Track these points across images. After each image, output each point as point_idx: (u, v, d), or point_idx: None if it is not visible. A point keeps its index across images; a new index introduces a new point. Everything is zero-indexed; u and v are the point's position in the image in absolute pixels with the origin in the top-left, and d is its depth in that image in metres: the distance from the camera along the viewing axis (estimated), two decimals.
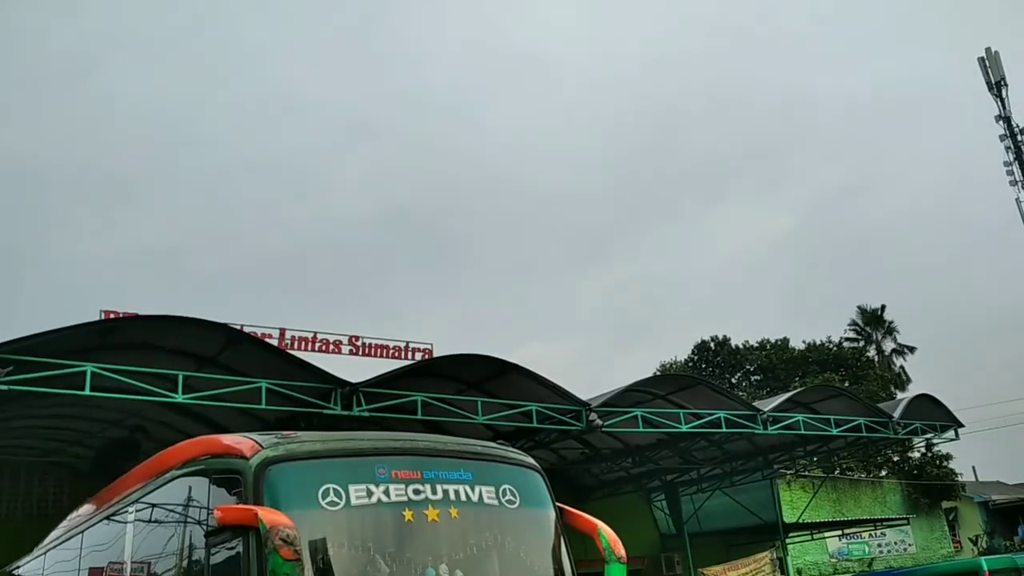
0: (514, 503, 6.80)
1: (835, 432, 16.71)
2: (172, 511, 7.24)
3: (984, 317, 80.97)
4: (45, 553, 10.81)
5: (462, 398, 12.80)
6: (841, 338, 48.80)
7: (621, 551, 6.87)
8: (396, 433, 9.66)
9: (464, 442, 7.93)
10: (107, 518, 8.73)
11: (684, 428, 14.92)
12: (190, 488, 6.97)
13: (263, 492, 5.95)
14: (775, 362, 45.53)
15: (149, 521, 7.67)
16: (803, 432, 16.61)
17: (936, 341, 77.06)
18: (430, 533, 6.30)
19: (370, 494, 6.21)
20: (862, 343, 49.60)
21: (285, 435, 6.78)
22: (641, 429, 14.98)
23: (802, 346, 46.62)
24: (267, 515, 5.54)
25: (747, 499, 22.80)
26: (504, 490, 6.80)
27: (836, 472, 31.76)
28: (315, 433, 8.06)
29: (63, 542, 10.14)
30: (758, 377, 46.14)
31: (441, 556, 6.24)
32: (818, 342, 46.80)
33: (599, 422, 13.15)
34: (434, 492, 6.43)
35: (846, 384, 40.42)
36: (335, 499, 6.07)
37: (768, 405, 16.30)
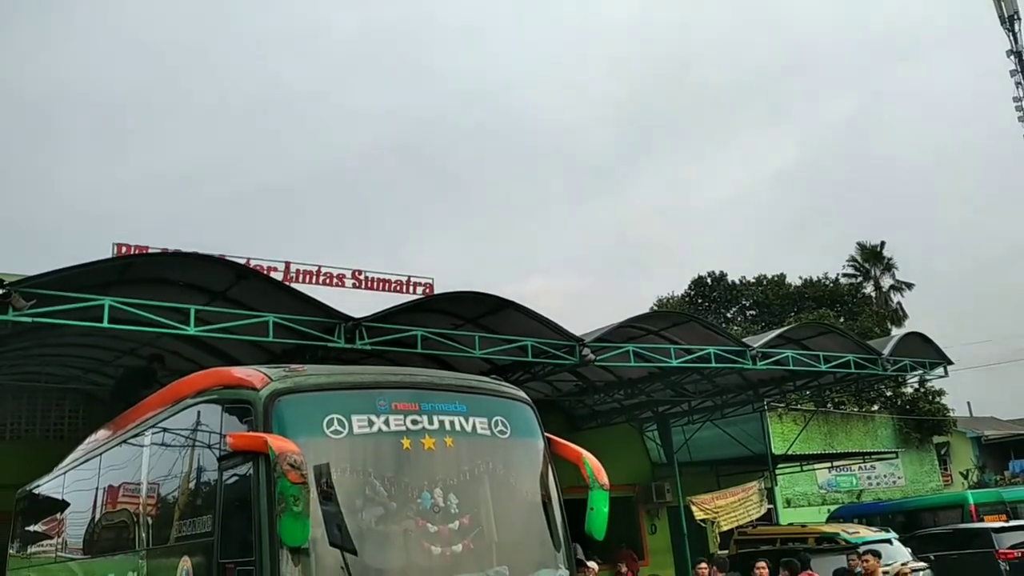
0: (505, 433, 7.35)
1: (824, 368, 17.24)
2: (186, 435, 7.79)
3: (986, 255, 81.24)
4: (64, 473, 11.45)
5: (460, 333, 13.26)
6: (838, 274, 49.15)
7: (604, 479, 7.42)
8: (395, 368, 10.24)
9: (459, 377, 8.47)
10: (124, 441, 9.31)
11: (675, 363, 15.45)
12: (204, 415, 7.52)
13: (272, 421, 6.47)
14: (771, 298, 46.00)
15: (164, 444, 8.25)
16: (792, 368, 17.15)
17: (937, 278, 77.51)
18: (426, 460, 6.86)
19: (371, 424, 6.74)
20: (860, 279, 49.93)
21: (292, 369, 7.32)
22: (632, 364, 15.52)
23: (799, 282, 47.02)
24: (276, 442, 6.07)
25: (737, 431, 23.49)
26: (496, 421, 7.34)
27: (828, 406, 32.53)
28: (320, 367, 8.61)
29: (82, 463, 10.76)
30: (754, 312, 46.68)
31: (436, 482, 6.79)
32: (815, 279, 47.16)
33: (592, 356, 13.65)
34: (431, 423, 6.97)
35: (841, 320, 40.98)
36: (338, 428, 6.60)
37: (758, 341, 16.80)
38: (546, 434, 7.77)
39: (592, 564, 14.41)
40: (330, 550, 6.02)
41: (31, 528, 12.92)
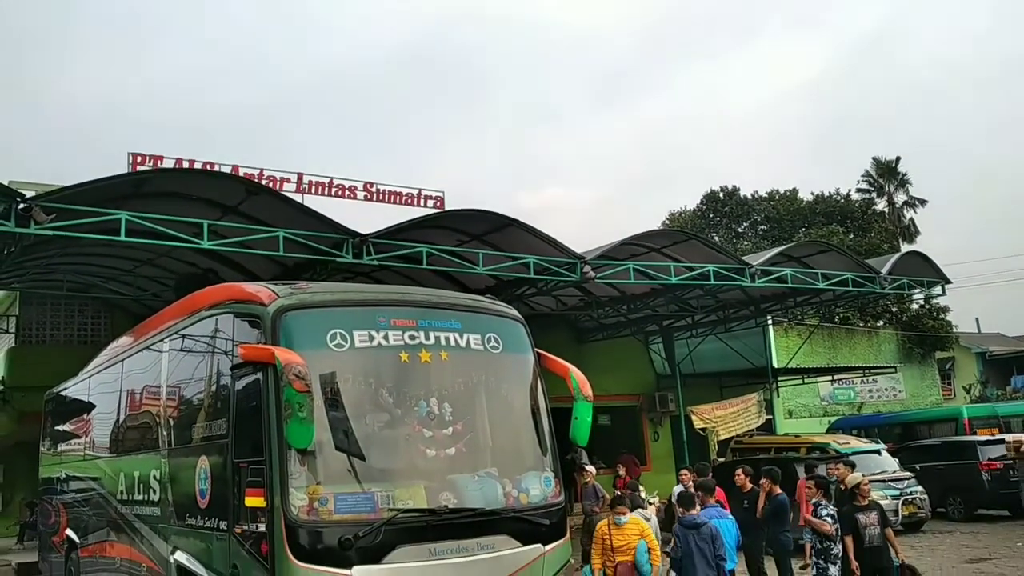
0: (497, 349, 7.80)
1: (822, 286, 17.54)
2: (202, 344, 8.31)
3: (1004, 173, 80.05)
4: (90, 377, 12.06)
5: (465, 250, 13.61)
6: (850, 190, 48.76)
7: (588, 391, 7.89)
8: (395, 287, 10.70)
9: (455, 295, 8.91)
10: (145, 348, 9.87)
11: (674, 280, 15.79)
12: (218, 326, 8.01)
13: (279, 334, 6.92)
14: (782, 213, 45.87)
15: (182, 351, 8.79)
16: (791, 285, 17.46)
17: (952, 195, 76.74)
18: (423, 372, 7.33)
19: (371, 338, 7.19)
20: (873, 195, 49.57)
21: (298, 286, 7.75)
22: (632, 281, 15.90)
23: (811, 198, 46.77)
24: (282, 354, 6.55)
25: (740, 344, 24.00)
26: (489, 337, 7.78)
27: (836, 320, 32.94)
28: (325, 284, 9.04)
29: (105, 368, 11.36)
30: (765, 227, 46.62)
31: (432, 392, 7.28)
32: (827, 194, 46.87)
33: (592, 274, 13.99)
34: (427, 338, 7.41)
35: (850, 237, 40.98)
36: (341, 342, 7.05)
37: (759, 259, 17.08)
38: (536, 349, 8.22)
39: (590, 467, 15.13)
40: (333, 452, 6.59)
41: (60, 428, 13.68)
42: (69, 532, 12.00)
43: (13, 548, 19.86)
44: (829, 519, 8.42)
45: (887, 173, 49.54)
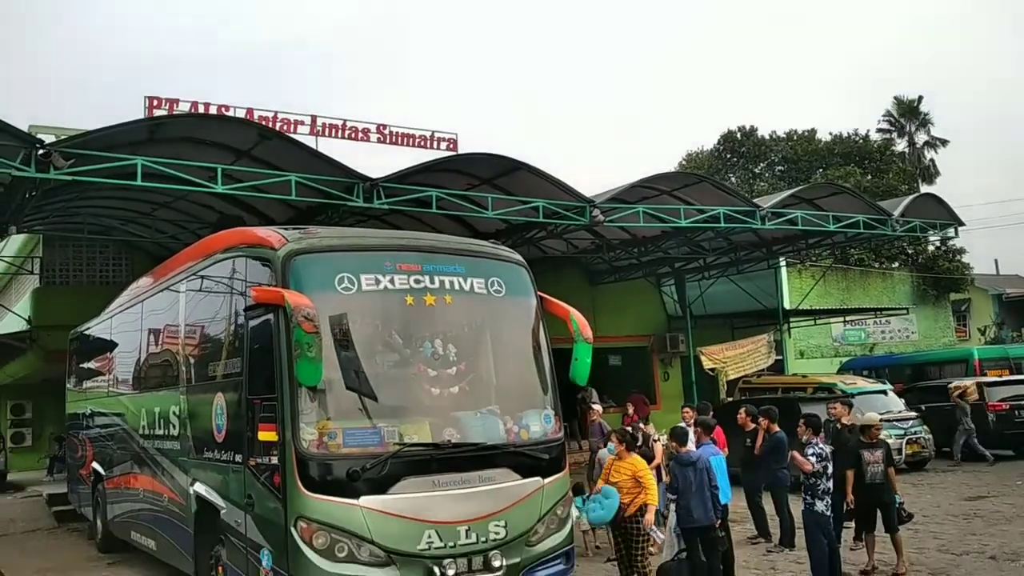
0: (500, 292, 8.05)
1: (833, 228, 17.54)
2: (217, 286, 8.62)
3: None
4: (112, 316, 12.45)
5: (475, 194, 13.71)
6: (869, 130, 48.05)
7: (588, 333, 8.14)
8: (401, 232, 10.95)
9: (460, 241, 9.14)
10: (164, 289, 10.22)
11: (684, 223, 15.87)
12: (231, 268, 8.31)
13: (289, 277, 7.20)
14: (800, 154, 45.33)
15: (199, 291, 9.12)
16: (802, 227, 17.51)
17: (974, 135, 75.33)
18: (428, 315, 7.61)
19: (378, 282, 7.45)
20: (894, 135, 48.87)
21: (308, 231, 8.01)
22: (642, 224, 16.01)
23: (829, 138, 46.18)
24: (292, 297, 6.84)
25: (751, 286, 24.12)
26: (492, 281, 8.02)
27: (851, 262, 32.90)
28: (333, 229, 9.30)
29: (127, 308, 11.74)
30: (782, 168, 46.13)
31: (437, 333, 7.58)
32: (845, 135, 46.26)
33: (601, 217, 14.09)
34: (432, 282, 7.67)
35: (868, 178, 40.59)
36: (348, 285, 7.32)
37: (770, 201, 17.10)
38: (538, 293, 8.45)
39: (597, 406, 15.49)
40: (342, 389, 6.91)
41: (84, 366, 14.17)
42: (95, 465, 12.54)
43: (43, 480, 20.79)
44: (814, 458, 8.73)
45: (908, 113, 48.75)
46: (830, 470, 8.79)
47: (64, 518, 15.21)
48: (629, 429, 9.44)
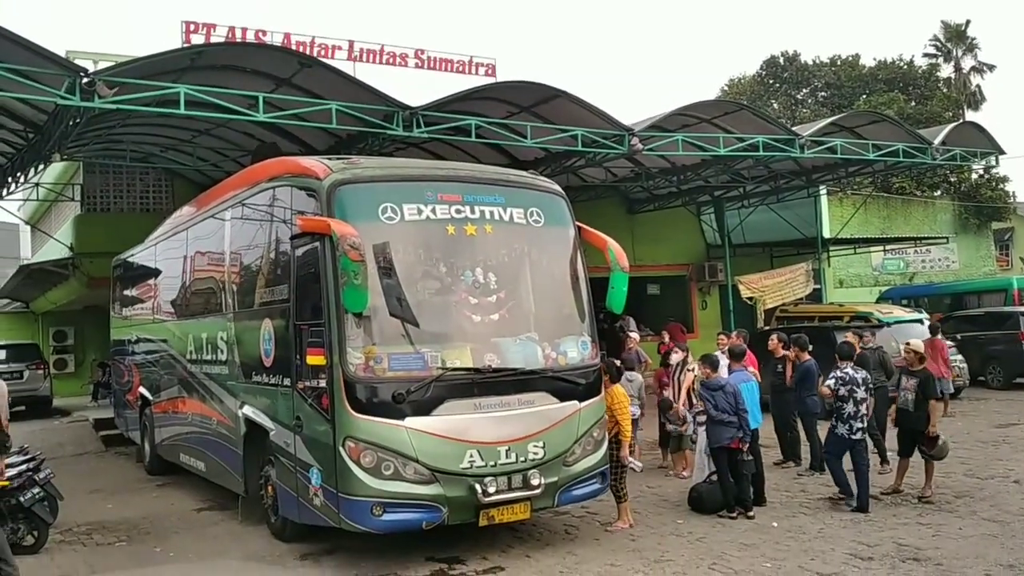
0: (539, 222, 8.19)
1: (872, 156, 17.26)
2: (263, 214, 8.81)
3: None
4: (156, 244, 12.68)
5: (514, 122, 13.64)
6: (913, 56, 46.57)
7: (624, 263, 8.28)
8: (442, 163, 11.06)
9: (499, 171, 9.23)
10: (209, 217, 10.42)
11: (723, 151, 15.71)
12: (277, 197, 8.49)
13: (334, 207, 7.39)
14: (843, 79, 44.24)
15: (244, 219, 9.32)
16: (841, 156, 17.27)
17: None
18: (468, 244, 7.78)
19: (420, 212, 7.63)
20: (940, 60, 47.37)
21: (351, 161, 8.16)
22: (681, 152, 15.87)
23: (873, 64, 44.91)
24: (337, 226, 7.04)
25: (791, 214, 23.87)
26: (531, 211, 8.16)
27: (892, 190, 32.37)
28: (375, 159, 9.45)
29: (171, 236, 11.97)
30: (825, 94, 45.11)
31: (477, 262, 7.75)
32: (890, 60, 44.91)
33: (640, 146, 13.99)
34: (472, 212, 7.82)
35: (911, 104, 39.60)
36: (392, 215, 7.51)
37: (810, 129, 16.84)
38: (576, 223, 8.56)
39: (633, 334, 15.63)
40: (387, 316, 7.15)
41: (128, 293, 14.49)
42: (142, 390, 12.92)
43: (88, 405, 21.44)
44: (832, 382, 9.03)
45: (955, 37, 47.14)
46: (857, 395, 8.94)
47: (111, 442, 15.68)
48: (617, 362, 9.38)
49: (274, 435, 8.13)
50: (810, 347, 11.03)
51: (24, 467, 8.53)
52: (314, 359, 7.27)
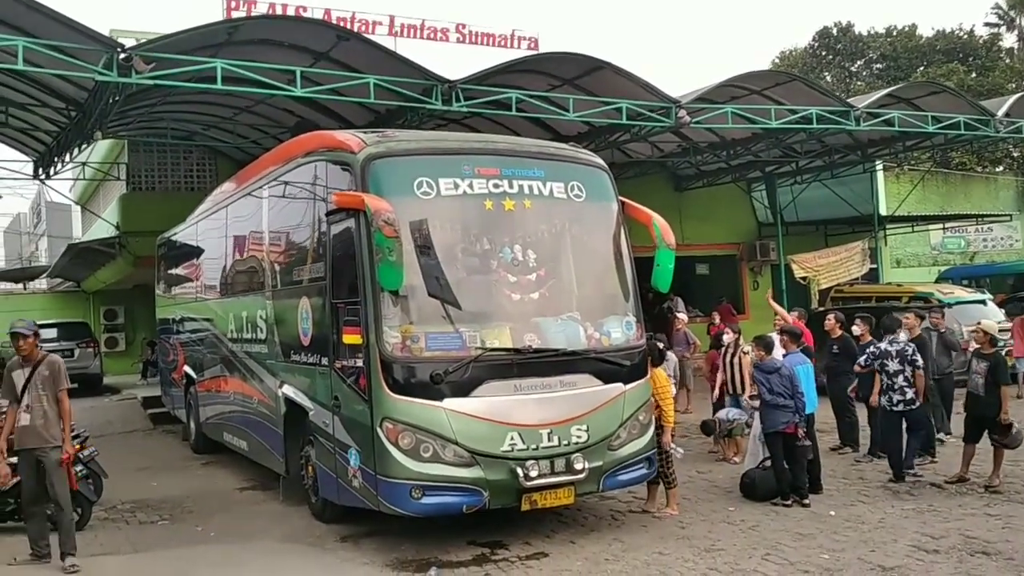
0: (580, 197, 7.88)
1: (931, 129, 16.47)
2: (298, 191, 8.66)
3: None
4: (197, 222, 12.64)
5: (557, 95, 13.28)
6: (973, 25, 44.92)
7: (671, 239, 7.94)
8: (480, 135, 10.72)
9: (539, 144, 8.93)
10: (247, 194, 10.32)
11: (774, 124, 15.10)
12: (311, 173, 8.33)
13: (368, 181, 7.19)
14: (899, 51, 42.73)
15: (281, 197, 9.19)
16: (899, 128, 16.55)
17: None
18: (507, 220, 7.52)
19: (457, 186, 7.38)
20: (1002, 29, 45.54)
21: (386, 134, 7.95)
22: (730, 125, 15.32)
23: (931, 33, 43.37)
24: (372, 201, 6.83)
25: (846, 191, 23.08)
26: (572, 185, 7.85)
27: (952, 166, 31.28)
28: (412, 133, 9.21)
29: (211, 214, 11.91)
30: (880, 66, 43.67)
31: (516, 239, 7.49)
32: (948, 30, 43.31)
33: (687, 118, 13.51)
34: (511, 186, 7.55)
35: (972, 76, 38.19)
36: (427, 190, 7.27)
37: (866, 101, 16.17)
38: (620, 197, 8.22)
39: (681, 315, 15.27)
40: (424, 294, 6.96)
41: (172, 271, 14.54)
42: (187, 369, 12.96)
43: (137, 383, 21.66)
44: (862, 359, 9.40)
45: (1019, 4, 45.14)
46: (889, 367, 9.09)
47: (159, 420, 15.77)
48: (660, 344, 9.02)
49: (313, 415, 8.03)
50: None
51: None
52: (350, 338, 7.12)
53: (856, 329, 10.76)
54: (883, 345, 9.28)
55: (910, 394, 9.16)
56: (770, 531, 7.56)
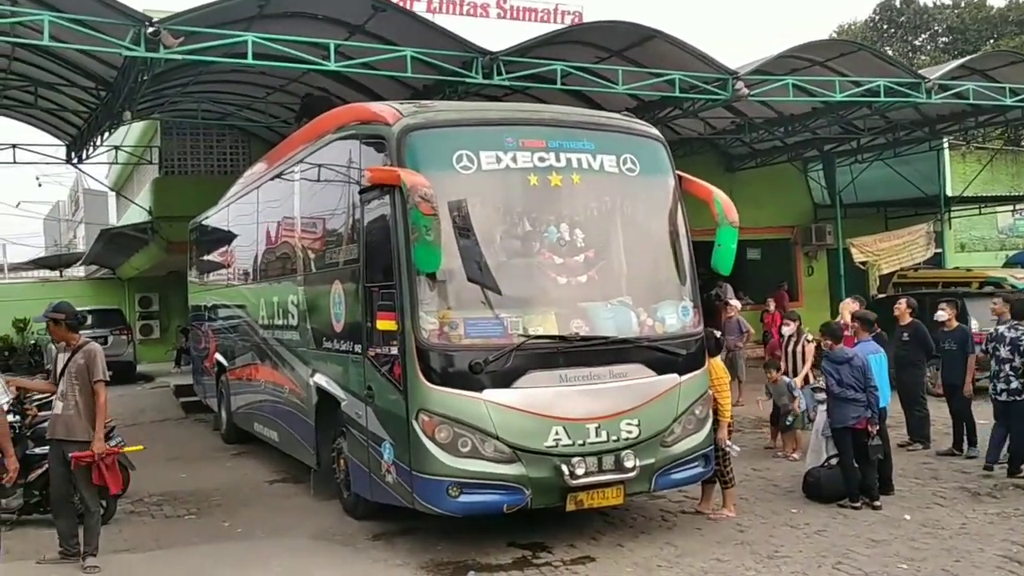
0: (634, 171, 7.29)
1: (1009, 102, 15.44)
2: (330, 169, 8.20)
3: None
4: (228, 206, 12.29)
5: (604, 67, 12.67)
6: None
7: (734, 216, 7.32)
8: (524, 105, 10.16)
9: (588, 113, 8.36)
10: (277, 176, 9.91)
11: (839, 97, 14.23)
12: (344, 150, 7.90)
13: (404, 155, 6.70)
14: (967, 22, 40.97)
15: (312, 179, 8.75)
16: (973, 102, 15.54)
17: None
18: (553, 196, 6.98)
19: (499, 160, 6.86)
20: None
21: (423, 105, 7.48)
22: (791, 98, 14.45)
23: (1003, 3, 41.45)
24: (408, 176, 6.33)
25: (910, 171, 22.05)
26: (624, 159, 7.27)
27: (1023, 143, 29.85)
28: (450, 103, 8.69)
29: (242, 196, 11.54)
30: (946, 40, 41.95)
31: (563, 217, 6.95)
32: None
33: (745, 91, 12.76)
34: (558, 160, 7.00)
35: None
36: (467, 164, 6.76)
37: (937, 72, 15.22)
38: (677, 172, 7.60)
39: (734, 302, 14.54)
40: (463, 277, 6.44)
41: (204, 257, 14.26)
42: (218, 356, 12.67)
43: (171, 371, 21.52)
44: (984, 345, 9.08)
45: None
46: (1000, 352, 8.55)
47: (191, 409, 15.53)
48: (717, 332, 8.40)
49: (345, 405, 7.62)
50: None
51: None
52: (384, 324, 6.67)
53: (942, 314, 9.93)
54: (1001, 328, 8.85)
55: (1015, 384, 8.54)
56: (839, 536, 6.92)
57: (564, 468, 6.36)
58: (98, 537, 6.71)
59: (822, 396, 8.25)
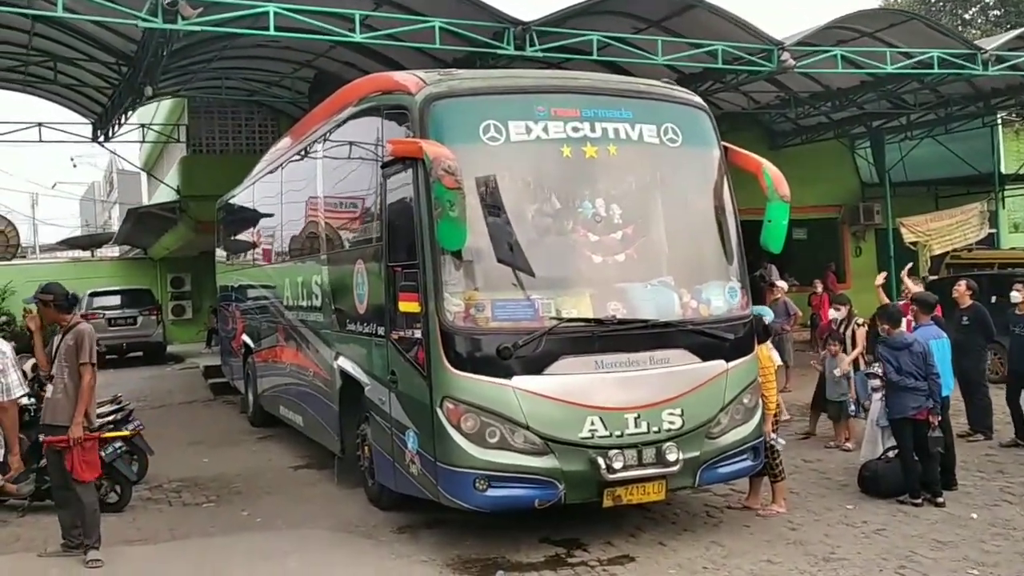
0: (676, 142, 6.77)
1: None
2: (352, 143, 7.81)
3: None
4: (253, 184, 12.05)
5: (642, 37, 12.13)
6: None
7: (785, 190, 6.80)
8: (556, 71, 9.63)
9: (626, 80, 7.85)
10: (300, 152, 9.58)
11: (890, 69, 13.48)
12: (366, 123, 7.53)
13: (428, 126, 6.29)
14: None
15: (334, 154, 8.41)
16: None
17: None
18: (588, 169, 6.50)
19: (529, 131, 6.40)
20: None
21: (448, 73, 7.05)
22: (840, 70, 13.70)
23: None
24: (431, 148, 5.91)
25: (962, 148, 21.20)
26: (665, 128, 6.76)
27: None
28: (477, 71, 8.22)
29: (267, 174, 11.26)
30: (998, 13, 40.38)
31: (599, 191, 6.48)
32: None
33: (792, 62, 12.10)
34: (593, 130, 6.51)
35: None
36: (495, 135, 6.32)
37: (994, 43, 14.40)
38: (722, 143, 7.06)
39: (781, 283, 13.94)
40: (491, 256, 6.08)
41: (230, 236, 14.04)
42: (245, 338, 12.42)
43: (201, 352, 21.35)
44: None
45: None
46: None
47: (219, 390, 15.33)
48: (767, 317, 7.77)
49: (369, 390, 7.26)
50: None
51: (108, 419, 7.88)
52: (407, 306, 6.30)
53: (1017, 295, 9.14)
54: None
55: None
56: (900, 537, 6.38)
57: (600, 461, 5.93)
58: (98, 529, 6.36)
59: (876, 383, 7.70)
